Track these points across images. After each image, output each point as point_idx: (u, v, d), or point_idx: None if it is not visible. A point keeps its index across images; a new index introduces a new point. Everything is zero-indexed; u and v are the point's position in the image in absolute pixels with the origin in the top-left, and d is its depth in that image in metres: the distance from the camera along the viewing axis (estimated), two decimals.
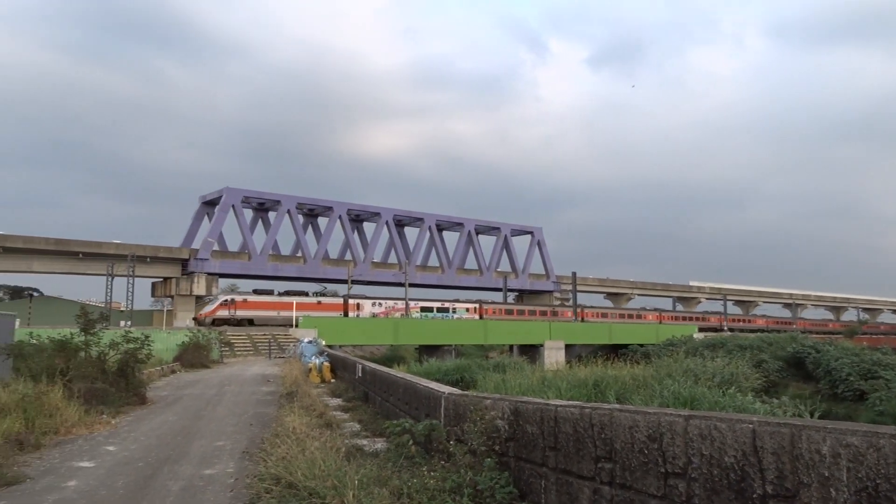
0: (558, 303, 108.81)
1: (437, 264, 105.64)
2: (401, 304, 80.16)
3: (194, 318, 66.60)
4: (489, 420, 8.33)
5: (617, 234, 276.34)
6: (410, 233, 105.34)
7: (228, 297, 68.82)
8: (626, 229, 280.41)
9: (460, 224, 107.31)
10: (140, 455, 12.54)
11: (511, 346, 77.26)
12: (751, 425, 4.72)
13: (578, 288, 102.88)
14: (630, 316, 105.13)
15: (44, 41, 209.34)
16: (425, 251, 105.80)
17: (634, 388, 23.26)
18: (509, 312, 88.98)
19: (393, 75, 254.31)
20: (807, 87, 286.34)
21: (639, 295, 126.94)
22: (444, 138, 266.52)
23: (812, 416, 19.76)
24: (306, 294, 78.25)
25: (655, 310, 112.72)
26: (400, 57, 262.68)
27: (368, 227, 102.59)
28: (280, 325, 64.49)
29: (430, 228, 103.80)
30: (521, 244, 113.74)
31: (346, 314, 72.30)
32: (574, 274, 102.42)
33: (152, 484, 10.18)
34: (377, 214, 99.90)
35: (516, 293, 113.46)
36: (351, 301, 75.44)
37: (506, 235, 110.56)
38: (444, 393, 10.55)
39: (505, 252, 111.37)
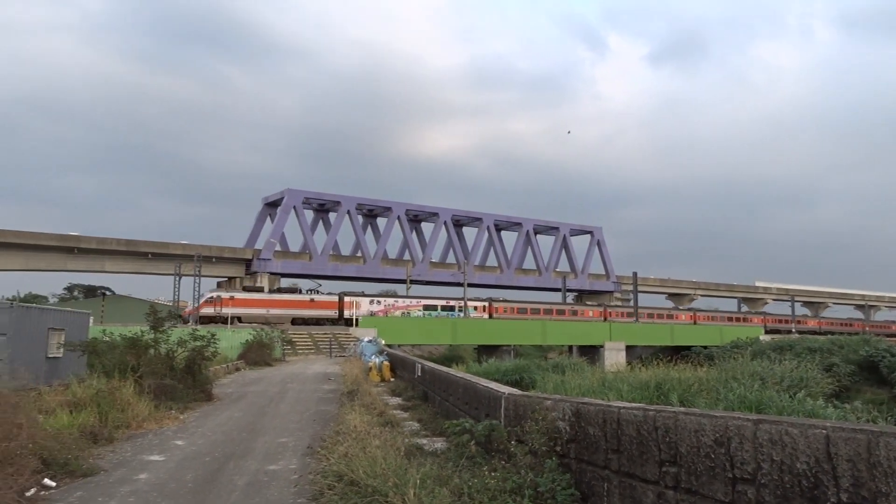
0: (618, 303, 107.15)
1: (496, 264, 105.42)
2: (402, 303, 78.48)
3: (178, 315, 62.14)
4: (550, 421, 8.27)
5: (679, 234, 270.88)
6: (469, 233, 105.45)
7: (214, 295, 68.46)
8: (688, 229, 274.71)
9: (518, 224, 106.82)
10: (207, 450, 12.88)
11: (570, 347, 76.60)
12: (824, 431, 4.56)
13: (639, 288, 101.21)
14: (668, 317, 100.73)
15: (116, 51, 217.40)
16: (483, 251, 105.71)
17: (698, 390, 22.73)
18: (522, 311, 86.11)
19: (450, 76, 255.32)
20: (877, 80, 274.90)
21: (702, 295, 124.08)
22: (501, 138, 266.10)
23: (888, 422, 18.97)
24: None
25: (688, 310, 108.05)
26: (457, 57, 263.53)
27: (427, 227, 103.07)
28: (267, 323, 62.37)
29: (488, 228, 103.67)
30: (580, 244, 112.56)
31: (341, 313, 70.63)
32: (635, 274, 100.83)
33: (219, 478, 10.45)
34: (435, 214, 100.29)
35: (575, 293, 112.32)
36: (347, 299, 73.02)
37: (564, 235, 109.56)
38: (504, 393, 10.52)
39: (564, 252, 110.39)
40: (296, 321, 68.68)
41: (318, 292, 76.25)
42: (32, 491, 9.09)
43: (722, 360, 37.36)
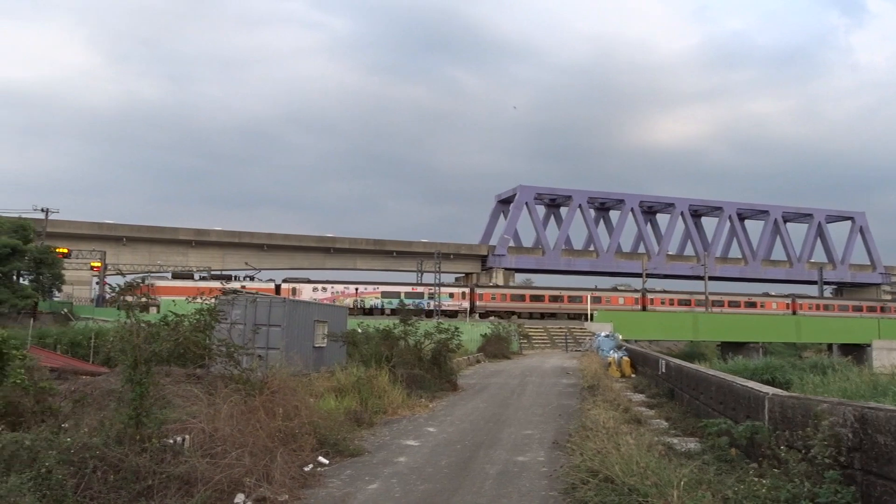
0: (889, 297, 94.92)
1: (740, 255, 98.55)
2: (352, 289, 70.52)
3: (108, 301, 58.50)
4: (827, 427, 7.43)
5: None
6: (708, 223, 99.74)
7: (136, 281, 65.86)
8: None
9: (764, 211, 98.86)
10: (457, 438, 13.39)
11: (829, 346, 69.42)
12: None
13: None
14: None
15: (361, 66, 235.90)
16: (725, 242, 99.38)
17: None
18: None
19: (683, 59, 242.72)
20: None
21: None
22: (740, 121, 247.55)
23: None
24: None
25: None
26: (690, 39, 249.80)
27: (662, 218, 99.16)
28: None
29: (729, 217, 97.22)
30: (838, 232, 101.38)
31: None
32: None
33: (471, 466, 10.79)
34: (671, 205, 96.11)
35: (834, 286, 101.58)
36: (285, 286, 66.84)
37: (819, 222, 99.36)
38: (767, 393, 9.68)
39: (819, 240, 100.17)
40: None
41: (252, 279, 68.55)
42: (310, 466, 10.03)
43: None
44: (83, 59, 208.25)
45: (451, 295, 73.85)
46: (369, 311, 66.94)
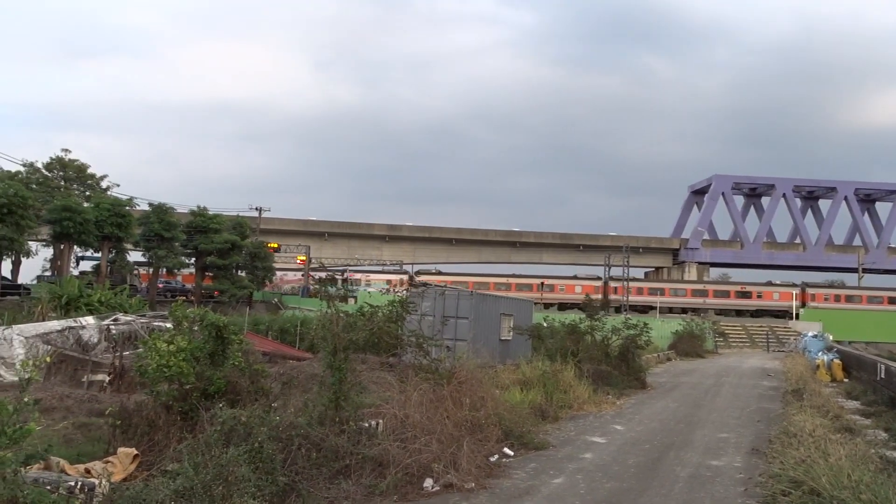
0: None
1: None
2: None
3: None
4: None
5: None
6: None
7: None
8: None
9: None
10: (645, 437, 12.99)
11: None
12: None
13: None
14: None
15: (547, 59, 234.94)
16: None
17: None
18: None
19: None
20: None
21: None
22: None
23: None
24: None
25: None
26: None
27: (882, 207, 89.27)
28: None
29: None
30: None
31: None
32: None
33: (659, 466, 10.43)
34: (893, 192, 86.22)
35: None
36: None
37: None
38: None
39: None
40: None
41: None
42: (496, 457, 10.21)
43: None
44: (291, 68, 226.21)
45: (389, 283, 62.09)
46: None
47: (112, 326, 19.47)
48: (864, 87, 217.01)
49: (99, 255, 43.18)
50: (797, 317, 60.12)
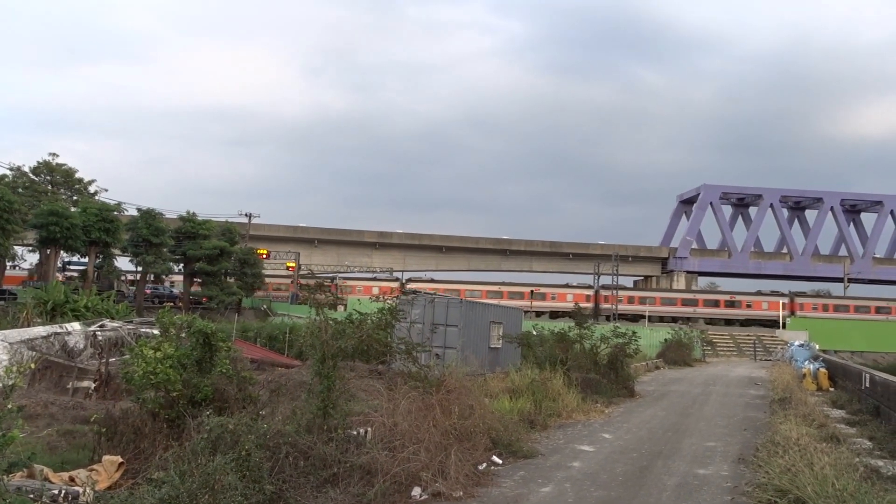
0: None
1: None
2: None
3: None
4: None
5: None
6: None
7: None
8: None
9: None
10: (633, 446, 13.01)
11: None
12: None
13: None
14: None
15: (536, 67, 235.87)
16: None
17: None
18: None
19: (891, 42, 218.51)
20: None
21: None
22: None
23: None
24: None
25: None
26: None
27: (867, 218, 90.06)
28: None
29: None
30: None
31: None
32: None
33: (647, 476, 10.44)
34: (878, 203, 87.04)
35: None
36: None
37: None
38: None
39: None
40: None
41: None
42: (484, 465, 10.19)
43: None
44: (281, 74, 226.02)
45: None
46: None
47: (98, 332, 19.32)
48: (851, 99, 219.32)
49: (86, 260, 42.95)
50: (784, 326, 60.49)
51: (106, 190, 52.24)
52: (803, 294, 76.91)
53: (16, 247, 45.53)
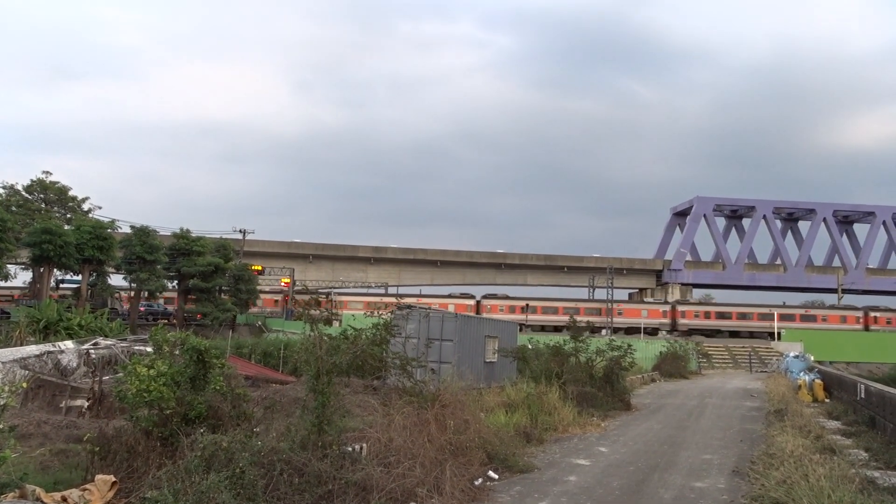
0: None
1: None
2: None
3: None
4: None
5: None
6: None
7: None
8: None
9: None
10: (629, 459, 12.99)
11: None
12: None
13: None
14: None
15: (525, 81, 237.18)
16: None
17: None
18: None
19: (882, 53, 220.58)
20: None
21: None
22: None
23: None
24: None
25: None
26: (891, 30, 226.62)
27: (860, 228, 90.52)
28: None
29: None
30: None
31: None
32: None
33: (644, 489, 10.41)
34: (870, 214, 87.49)
35: None
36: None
37: None
38: None
39: None
40: None
41: None
42: (480, 480, 10.16)
43: None
44: (271, 89, 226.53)
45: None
46: None
47: (92, 351, 19.24)
48: (842, 110, 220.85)
49: (79, 278, 42.80)
50: (779, 337, 60.55)
51: (100, 207, 52.21)
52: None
53: (9, 265, 45.34)
